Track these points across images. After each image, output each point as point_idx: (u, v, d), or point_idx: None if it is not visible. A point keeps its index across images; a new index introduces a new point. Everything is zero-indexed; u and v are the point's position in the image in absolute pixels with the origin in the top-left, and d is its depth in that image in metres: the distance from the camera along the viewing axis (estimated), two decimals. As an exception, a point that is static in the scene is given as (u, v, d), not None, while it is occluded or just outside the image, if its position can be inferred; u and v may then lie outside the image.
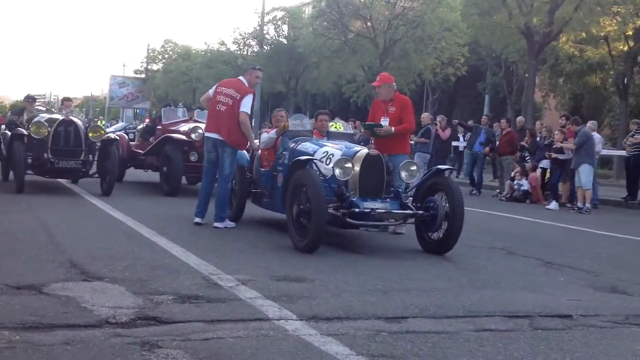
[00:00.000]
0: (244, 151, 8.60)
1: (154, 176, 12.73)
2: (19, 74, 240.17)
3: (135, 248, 6.18)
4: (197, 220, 7.95)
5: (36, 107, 13.04)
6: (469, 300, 4.94)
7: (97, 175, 10.92)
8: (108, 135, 11.36)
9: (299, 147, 7.70)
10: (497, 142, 16.30)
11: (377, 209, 6.66)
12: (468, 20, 27.31)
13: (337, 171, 6.77)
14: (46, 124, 10.67)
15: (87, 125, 11.56)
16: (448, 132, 17.10)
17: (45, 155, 10.41)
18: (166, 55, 63.51)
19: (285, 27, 45.83)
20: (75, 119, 11.16)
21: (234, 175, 8.24)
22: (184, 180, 12.21)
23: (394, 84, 8.53)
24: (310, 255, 6.37)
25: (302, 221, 6.61)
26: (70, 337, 3.47)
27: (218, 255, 6.10)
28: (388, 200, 6.91)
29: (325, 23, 34.73)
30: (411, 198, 7.09)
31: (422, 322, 4.26)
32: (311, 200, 6.39)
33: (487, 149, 16.17)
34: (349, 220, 6.62)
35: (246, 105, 7.83)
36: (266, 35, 43.76)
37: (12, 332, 3.48)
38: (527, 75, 26.56)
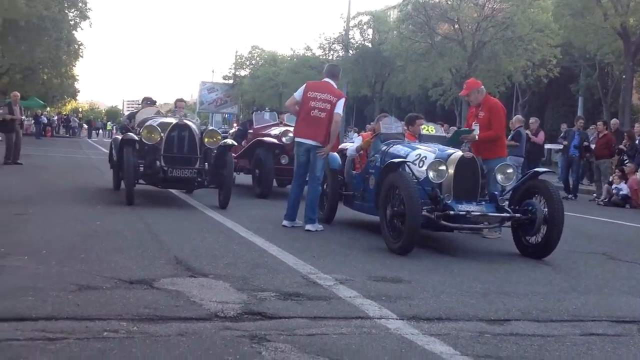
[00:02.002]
0: (336, 154, 8.68)
1: (245, 179, 13.01)
2: (113, 80, 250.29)
3: (235, 247, 6.37)
4: (285, 223, 8.01)
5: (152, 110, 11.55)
6: (572, 304, 4.85)
7: (212, 185, 9.76)
8: (225, 141, 10.05)
9: (391, 150, 7.73)
10: (594, 145, 15.78)
11: (472, 211, 6.61)
12: (560, 21, 26.61)
13: (431, 174, 6.75)
14: (159, 128, 9.61)
15: (202, 129, 10.46)
16: (542, 135, 16.61)
17: (158, 163, 9.43)
18: (253, 61, 64.83)
19: (370, 31, 45.86)
20: (189, 123, 9.93)
21: (324, 178, 8.32)
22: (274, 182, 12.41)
23: (482, 87, 8.43)
24: (404, 257, 6.39)
25: (396, 223, 6.63)
26: (184, 329, 3.63)
27: (314, 255, 6.20)
28: (483, 203, 6.84)
29: (411, 26, 34.53)
30: (507, 201, 6.99)
31: (525, 325, 4.21)
32: (405, 202, 6.39)
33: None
34: (443, 223, 6.59)
35: (340, 107, 7.91)
36: (351, 40, 43.92)
37: (130, 323, 3.68)
38: (623, 77, 25.58)
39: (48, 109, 57.14)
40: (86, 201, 9.38)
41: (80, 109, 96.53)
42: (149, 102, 11.92)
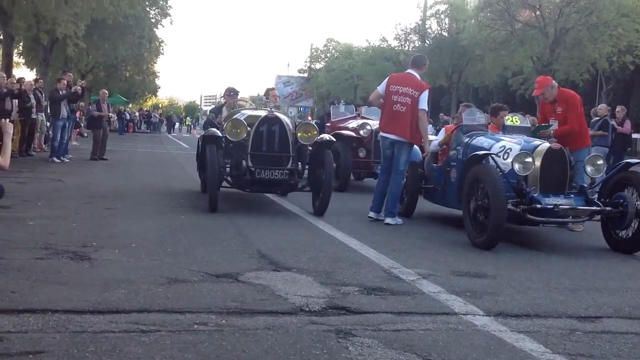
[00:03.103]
0: (416, 146, 8.59)
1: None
2: (192, 76, 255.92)
3: (316, 241, 6.41)
4: (372, 215, 8.02)
5: (238, 103, 10.19)
6: (667, 301, 4.65)
7: (307, 188, 8.57)
8: (322, 136, 8.69)
9: (474, 142, 7.60)
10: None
11: (560, 204, 6.42)
12: (648, 4, 25.46)
13: (517, 166, 6.60)
14: (245, 122, 8.36)
15: (295, 123, 9.33)
16: (628, 125, 15.91)
17: (244, 163, 8.16)
18: (328, 54, 64.95)
19: (447, 20, 45.21)
20: (281, 116, 8.58)
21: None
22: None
23: (554, 82, 8.19)
24: (488, 251, 6.27)
25: (480, 217, 6.51)
26: (270, 323, 3.68)
27: (395, 249, 6.17)
28: (572, 195, 6.63)
29: (490, 14, 33.84)
30: (597, 194, 6.75)
31: (618, 323, 4.07)
32: (490, 196, 6.27)
33: None
34: (529, 216, 6.43)
35: (424, 101, 7.79)
36: (428, 30, 43.45)
37: (218, 316, 3.76)
38: None
39: (130, 105, 58.98)
40: (170, 195, 9.63)
41: (160, 105, 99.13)
42: (232, 93, 10.47)
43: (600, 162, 6.90)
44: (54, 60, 32.99)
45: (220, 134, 8.41)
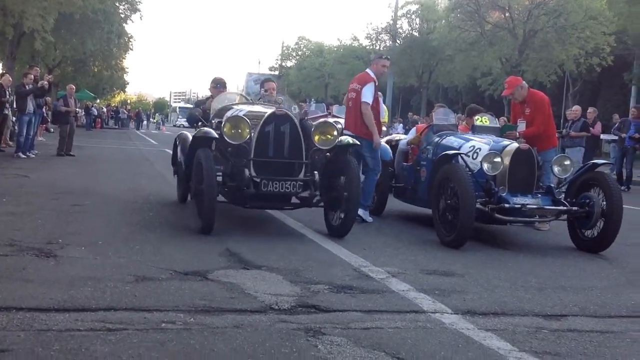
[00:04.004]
0: (387, 145, 8.63)
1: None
2: (161, 72, 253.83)
3: (287, 240, 6.39)
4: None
5: (228, 96, 8.31)
6: (631, 299, 4.76)
7: (322, 204, 6.84)
8: (342, 138, 7.04)
9: (444, 142, 7.65)
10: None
11: (528, 204, 6.49)
12: (615, 8, 25.90)
13: (486, 165, 6.66)
14: (248, 120, 6.56)
15: (308, 124, 7.46)
16: (599, 126, 16.17)
17: (247, 172, 6.46)
18: (300, 52, 64.97)
19: (418, 21, 45.51)
20: (290, 114, 6.76)
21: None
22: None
23: (524, 82, 8.31)
24: (456, 250, 6.32)
25: (449, 216, 6.55)
26: (239, 321, 3.66)
27: (365, 248, 6.18)
28: (539, 195, 6.72)
29: (460, 15, 34.13)
30: (564, 194, 6.85)
31: (583, 321, 4.13)
32: (459, 195, 6.32)
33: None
34: (498, 216, 6.50)
35: (366, 94, 7.80)
36: (399, 29, 43.63)
37: (187, 314, 3.72)
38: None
39: (98, 101, 58.25)
40: (138, 192, 9.52)
41: (128, 101, 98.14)
42: (218, 84, 8.65)
43: (567, 162, 7.00)
44: (20, 54, 32.46)
45: (216, 135, 6.73)
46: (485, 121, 8.07)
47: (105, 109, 56.37)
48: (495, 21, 33.56)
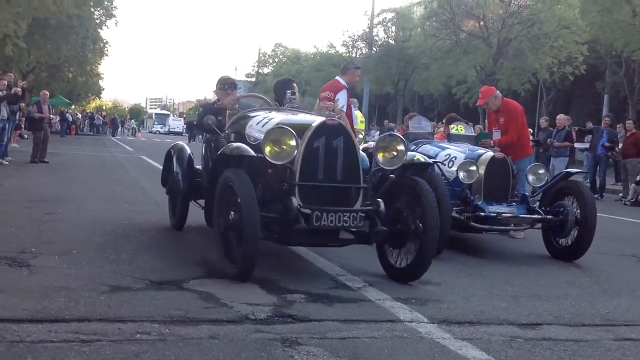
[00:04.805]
0: (364, 154, 8.63)
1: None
2: (137, 78, 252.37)
3: (263, 249, 6.32)
4: None
5: (246, 100, 6.88)
6: (604, 308, 4.80)
7: (387, 240, 5.40)
8: (413, 156, 6.01)
9: (420, 150, 7.68)
10: (621, 144, 15.58)
11: (503, 212, 6.55)
12: (587, 18, 26.30)
13: (462, 174, 6.71)
14: (293, 133, 4.97)
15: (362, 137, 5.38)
16: (573, 135, 16.43)
17: (294, 201, 4.87)
18: (276, 59, 65.02)
19: (394, 29, 45.79)
20: (343, 123, 5.33)
21: None
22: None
23: (497, 92, 8.41)
24: (433, 258, 6.32)
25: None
26: (215, 332, 3.63)
27: (342, 256, 6.17)
28: (514, 204, 6.78)
29: (436, 23, 34.44)
30: (538, 202, 6.92)
31: (558, 330, 4.16)
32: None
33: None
34: (473, 224, 6.54)
35: (339, 101, 7.81)
36: (375, 37, 43.89)
37: (162, 325, 3.68)
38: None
39: (73, 107, 57.68)
40: (113, 200, 9.43)
41: (104, 107, 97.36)
42: (226, 86, 6.87)
43: (541, 171, 7.08)
44: (-7, 60, 32.01)
45: (254, 153, 5.10)
46: (461, 129, 8.13)
47: (80, 115, 55.81)
48: (470, 30, 33.90)
